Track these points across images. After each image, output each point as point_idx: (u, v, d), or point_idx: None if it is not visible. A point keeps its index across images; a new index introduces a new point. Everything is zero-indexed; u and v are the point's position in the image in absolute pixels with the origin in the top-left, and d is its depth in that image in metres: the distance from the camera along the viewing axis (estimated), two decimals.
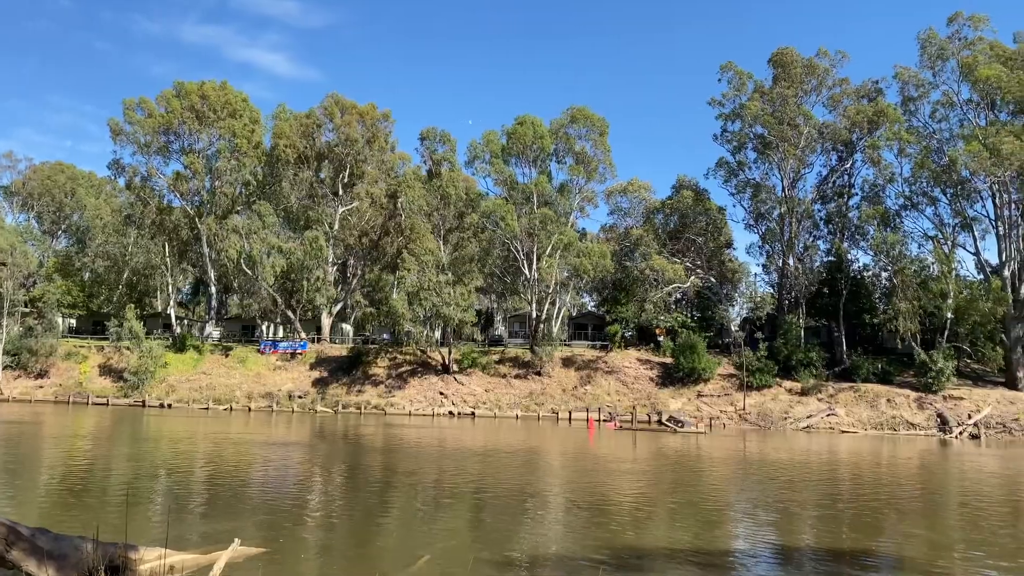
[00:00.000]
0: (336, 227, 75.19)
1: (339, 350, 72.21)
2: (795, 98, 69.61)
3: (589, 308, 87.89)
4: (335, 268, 77.13)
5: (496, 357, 69.66)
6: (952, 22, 66.13)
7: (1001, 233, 64.38)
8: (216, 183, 75.53)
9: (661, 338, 71.78)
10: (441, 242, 71.40)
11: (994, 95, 63.48)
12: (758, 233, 75.67)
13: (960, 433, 55.30)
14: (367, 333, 79.20)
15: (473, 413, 61.87)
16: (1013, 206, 64.26)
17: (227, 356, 70.86)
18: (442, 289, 63.45)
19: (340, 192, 76.31)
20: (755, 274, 78.52)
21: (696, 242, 76.09)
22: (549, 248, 67.99)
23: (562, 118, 72.28)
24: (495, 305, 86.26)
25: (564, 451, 37.98)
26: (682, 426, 53.81)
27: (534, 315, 69.68)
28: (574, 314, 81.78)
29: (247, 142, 74.39)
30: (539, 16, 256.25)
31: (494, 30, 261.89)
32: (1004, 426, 56.97)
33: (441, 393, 64.81)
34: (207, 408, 62.05)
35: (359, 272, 78.68)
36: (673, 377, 65.65)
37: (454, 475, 26.91)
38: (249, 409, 62.10)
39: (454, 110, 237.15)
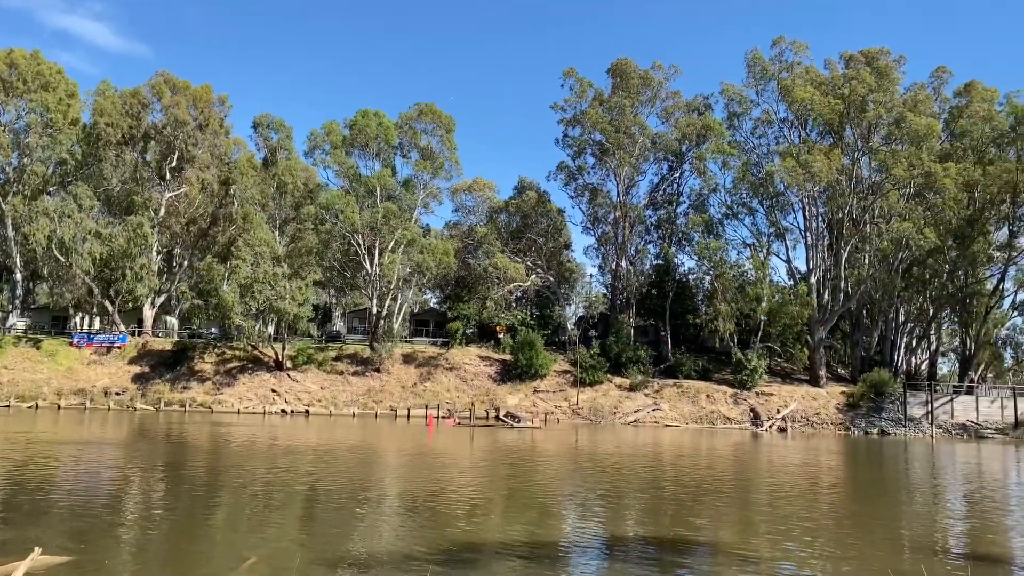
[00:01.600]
0: (162, 213, 70.58)
1: (163, 344, 67.84)
2: (632, 108, 72.81)
3: (431, 305, 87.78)
4: (160, 257, 72.36)
5: (334, 354, 67.99)
6: (776, 45, 71.62)
7: (809, 243, 70.55)
8: (25, 160, 68.71)
9: (501, 335, 72.86)
10: (277, 233, 68.79)
11: (807, 116, 69.40)
12: (595, 236, 78.66)
13: (770, 426, 60.05)
14: (194, 327, 74.85)
15: (307, 411, 60.07)
16: (820, 218, 70.59)
17: (38, 349, 64.63)
18: (277, 282, 61.12)
19: (168, 176, 71.64)
20: (591, 275, 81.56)
21: (537, 242, 77.85)
22: (392, 243, 67.21)
23: (409, 112, 71.72)
24: (334, 300, 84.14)
25: (402, 448, 37.64)
26: (518, 421, 54.90)
27: (375, 311, 68.64)
28: (416, 311, 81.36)
29: (62, 118, 68.09)
30: (391, 11, 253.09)
31: (346, 20, 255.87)
32: (807, 419, 62.45)
33: (273, 391, 62.43)
34: (7, 406, 56.37)
35: (186, 262, 74.21)
36: (512, 374, 66.79)
37: (285, 474, 25.94)
38: (59, 407, 57.04)
39: (298, 98, 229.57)
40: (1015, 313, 77.23)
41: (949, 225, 67.68)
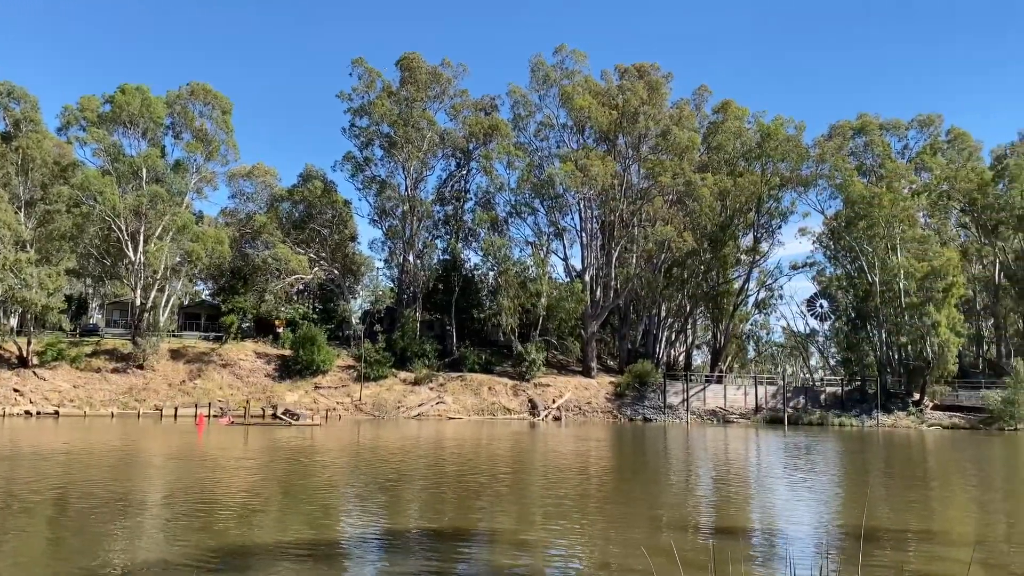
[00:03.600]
0: None
1: None
2: (420, 102, 72.97)
3: (204, 297, 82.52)
4: None
5: (89, 349, 61.85)
6: (558, 52, 74.99)
7: (585, 242, 74.78)
8: None
9: (280, 330, 70.11)
10: (22, 215, 61.32)
11: (585, 123, 73.39)
12: (382, 229, 77.96)
13: (546, 416, 62.90)
14: None
15: (57, 412, 54.13)
16: (594, 220, 75.04)
17: None
18: (22, 269, 54.48)
19: None
20: (378, 268, 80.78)
21: (321, 233, 75.80)
22: (159, 230, 62.35)
23: (180, 91, 66.85)
24: (91, 291, 76.56)
25: (168, 450, 34.98)
26: (297, 419, 53.09)
27: (139, 303, 63.28)
28: (186, 303, 76.10)
29: None
30: None
31: None
32: (580, 408, 66.13)
33: (16, 390, 55.61)
34: None
35: None
36: (291, 370, 64.53)
37: (30, 481, 23.10)
38: None
39: (58, 71, 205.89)
40: (757, 311, 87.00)
41: (705, 230, 74.64)
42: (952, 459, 38.54)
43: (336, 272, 75.55)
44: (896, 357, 71.80)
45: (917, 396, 68.49)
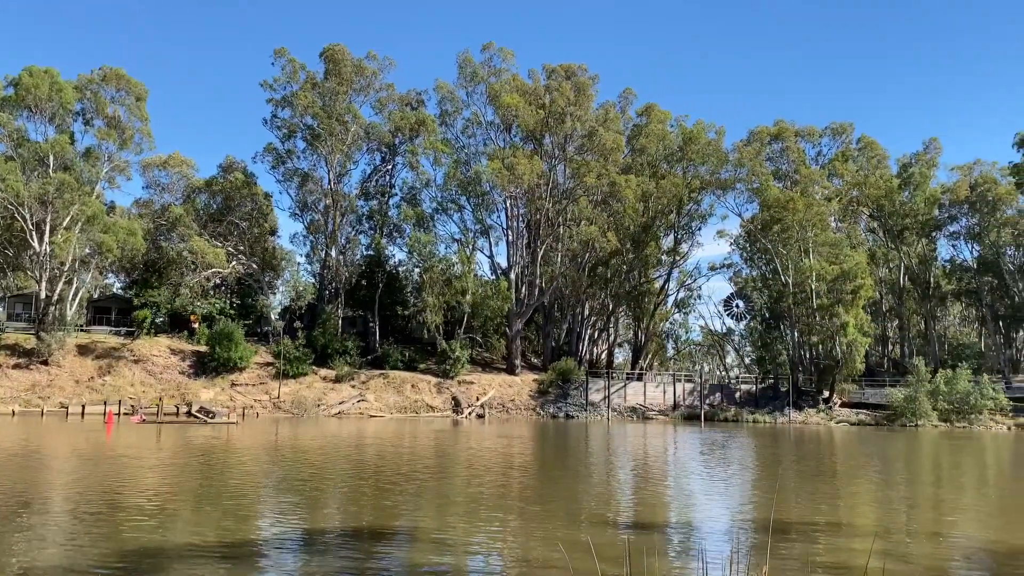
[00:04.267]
0: None
1: None
2: (345, 95, 71.97)
3: (115, 290, 79.43)
4: None
5: None
6: (486, 50, 75.09)
7: (511, 240, 75.11)
8: None
9: (196, 325, 68.05)
10: None
11: (512, 121, 73.70)
12: (303, 223, 76.56)
13: (469, 413, 62.93)
14: None
15: None
16: (520, 218, 75.45)
17: None
18: None
19: None
20: (299, 264, 79.25)
21: (240, 226, 73.96)
22: (67, 219, 59.67)
23: (92, 75, 64.14)
24: None
25: (74, 449, 33.47)
26: (213, 417, 51.65)
27: (43, 295, 60.41)
28: (96, 296, 73.14)
29: None
30: None
31: None
32: (503, 405, 66.42)
33: None
34: None
35: None
36: (207, 366, 62.78)
37: None
38: None
39: None
40: (677, 310, 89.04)
41: (628, 231, 75.98)
42: (858, 454, 40.29)
43: (255, 266, 73.76)
44: (807, 356, 74.61)
45: (827, 394, 71.37)
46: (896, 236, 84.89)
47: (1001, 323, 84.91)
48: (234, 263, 71.33)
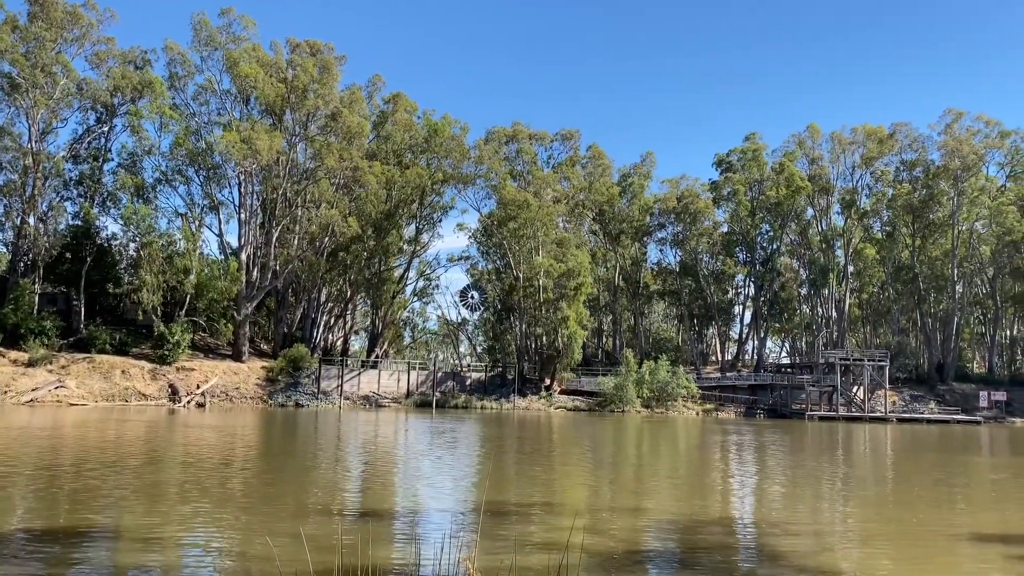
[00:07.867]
0: None
1: None
2: (54, 43, 63.71)
3: None
4: None
5: None
6: (225, 15, 70.26)
7: (243, 219, 71.15)
8: None
9: None
10: None
11: (251, 92, 69.85)
12: None
13: (188, 402, 58.78)
14: None
15: None
16: (255, 196, 71.77)
17: None
18: None
19: None
20: None
21: None
22: None
23: None
24: None
25: None
26: None
27: None
28: None
29: None
30: None
31: None
32: (227, 394, 62.93)
33: None
34: None
35: None
36: None
37: None
38: None
39: None
40: (416, 299, 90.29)
41: (370, 217, 75.49)
42: (571, 437, 43.69)
43: None
44: (533, 346, 79.39)
45: (548, 382, 76.48)
46: (614, 239, 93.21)
47: (695, 321, 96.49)
48: None
